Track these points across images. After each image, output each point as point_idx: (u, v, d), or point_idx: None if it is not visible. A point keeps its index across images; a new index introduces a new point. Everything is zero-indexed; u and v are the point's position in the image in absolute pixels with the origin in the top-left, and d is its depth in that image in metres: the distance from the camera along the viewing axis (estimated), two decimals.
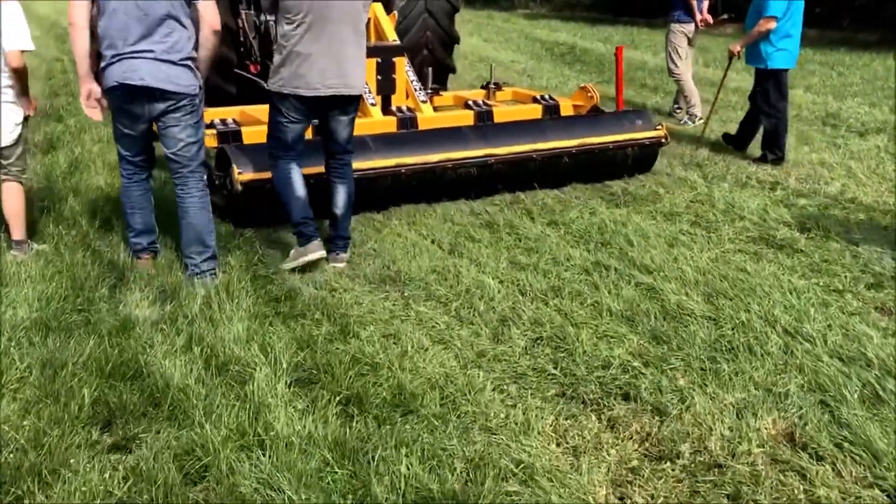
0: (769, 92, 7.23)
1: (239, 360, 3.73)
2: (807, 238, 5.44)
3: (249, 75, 7.68)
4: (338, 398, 3.46)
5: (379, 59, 6.82)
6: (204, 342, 3.91)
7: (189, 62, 4.45)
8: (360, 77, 4.84)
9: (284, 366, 3.68)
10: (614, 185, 6.64)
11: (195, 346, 3.88)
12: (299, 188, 4.85)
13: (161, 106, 4.44)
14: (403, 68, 7.02)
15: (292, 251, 4.92)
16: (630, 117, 6.91)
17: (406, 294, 4.57)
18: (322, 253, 4.84)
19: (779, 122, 7.28)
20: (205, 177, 4.73)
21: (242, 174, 5.36)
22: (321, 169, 5.13)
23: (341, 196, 4.99)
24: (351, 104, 4.88)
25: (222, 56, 6.75)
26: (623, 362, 3.79)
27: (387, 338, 4.05)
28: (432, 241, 5.41)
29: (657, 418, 3.38)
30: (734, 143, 7.74)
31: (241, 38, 7.80)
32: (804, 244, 5.32)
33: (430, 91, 7.51)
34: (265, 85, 5.33)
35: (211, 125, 6.01)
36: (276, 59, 4.71)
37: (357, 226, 5.62)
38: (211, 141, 5.86)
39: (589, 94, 7.41)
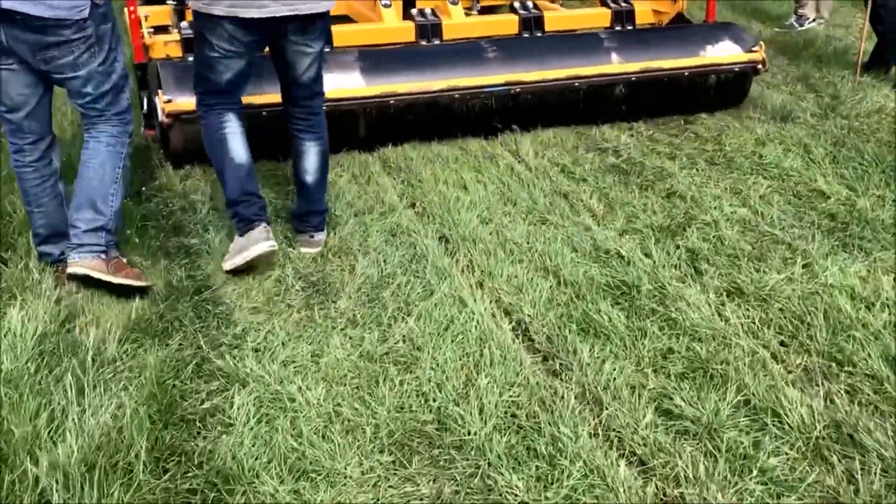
0: None
1: None
2: None
3: None
4: None
5: None
6: None
7: None
8: None
9: None
10: (832, 197, 4.02)
11: None
12: (238, 153, 3.39)
13: (34, 39, 2.92)
14: None
15: (232, 244, 3.40)
16: (716, 33, 5.18)
17: None
18: (270, 245, 3.34)
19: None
20: (129, 126, 3.28)
21: (171, 102, 4.02)
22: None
23: (312, 157, 3.52)
24: (314, 27, 3.32)
25: None
26: None
27: None
28: (517, 326, 3.03)
29: None
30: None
31: None
32: None
33: None
34: None
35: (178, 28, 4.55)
36: None
37: (396, 273, 3.30)
38: (175, 49, 4.47)
39: None
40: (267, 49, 3.42)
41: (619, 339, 2.92)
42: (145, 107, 4.47)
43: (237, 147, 3.38)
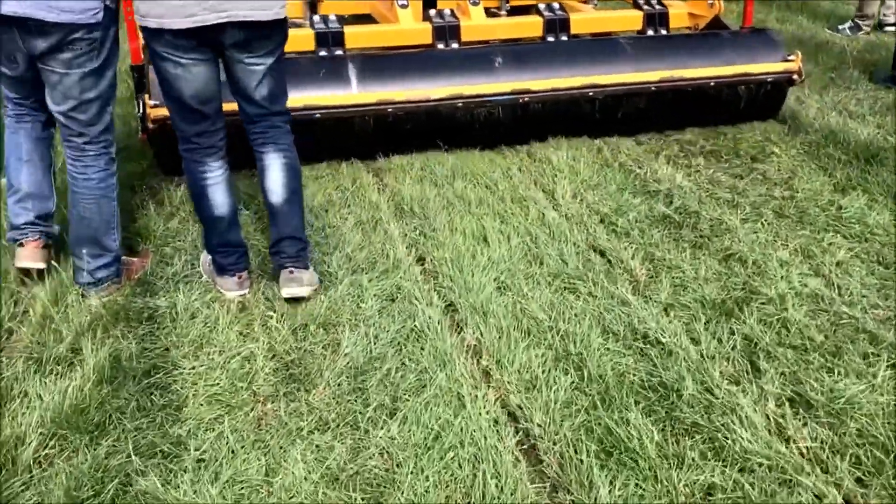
0: None
1: None
2: None
3: None
4: None
5: None
6: None
7: None
8: None
9: None
10: None
11: None
12: (219, 204, 3.09)
13: (40, 43, 2.83)
14: None
15: (208, 262, 3.26)
16: (748, 40, 4.85)
17: None
18: (242, 292, 3.14)
19: None
20: (112, 148, 3.10)
21: (158, 107, 3.72)
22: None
23: (275, 173, 3.11)
24: (262, 38, 2.92)
25: None
26: None
27: None
28: (523, 440, 2.45)
29: None
30: None
31: None
32: None
33: None
34: None
35: None
36: None
37: (387, 356, 2.75)
38: None
39: (709, 2, 5.17)
40: None
41: (648, 466, 2.32)
42: (140, 110, 4.13)
43: (218, 198, 3.10)
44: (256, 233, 3.63)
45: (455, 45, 4.61)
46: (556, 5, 4.92)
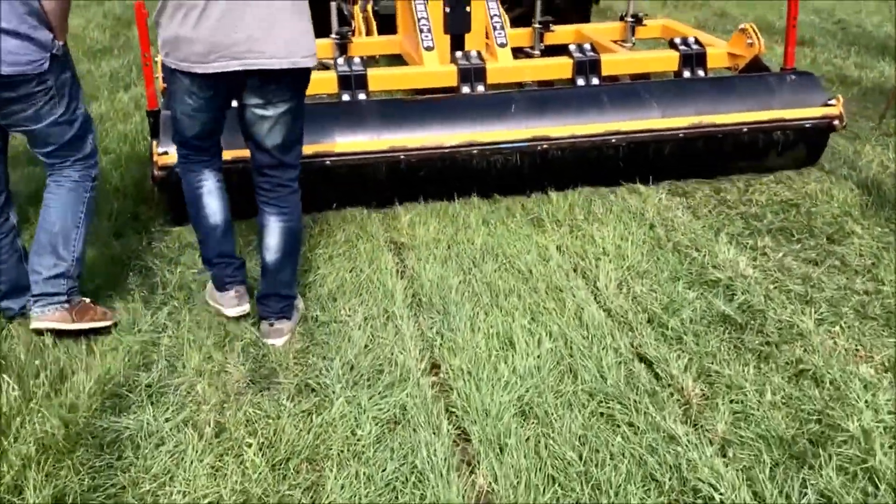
0: None
1: None
2: None
3: None
4: None
5: None
6: None
7: (27, 25, 2.79)
8: (294, 37, 2.83)
9: None
10: None
11: None
12: (213, 213, 3.15)
13: None
14: None
15: (208, 286, 3.30)
16: (785, 84, 4.51)
17: None
18: (242, 310, 3.17)
19: None
20: (93, 170, 3.16)
21: (167, 154, 3.65)
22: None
23: (273, 235, 3.09)
24: (282, 86, 2.88)
25: None
26: None
27: None
28: None
29: None
30: None
31: None
32: None
33: (538, 25, 5.33)
34: None
35: None
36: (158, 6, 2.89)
37: None
38: None
39: (748, 41, 4.86)
40: None
41: None
42: (150, 155, 4.02)
43: (213, 206, 3.15)
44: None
45: (481, 88, 4.48)
46: (587, 46, 4.74)
